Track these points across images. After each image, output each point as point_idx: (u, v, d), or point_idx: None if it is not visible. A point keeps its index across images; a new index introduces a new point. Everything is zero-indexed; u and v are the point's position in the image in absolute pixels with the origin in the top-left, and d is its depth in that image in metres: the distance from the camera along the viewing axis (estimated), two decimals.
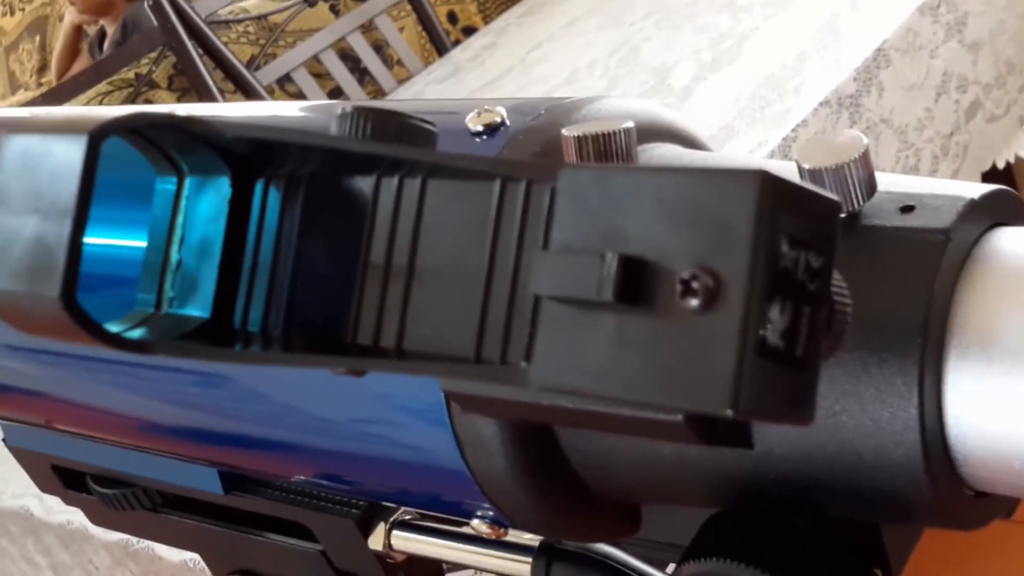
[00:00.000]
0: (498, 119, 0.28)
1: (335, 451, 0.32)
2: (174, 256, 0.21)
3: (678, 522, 0.28)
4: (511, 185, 0.19)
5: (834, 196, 0.18)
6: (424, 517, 0.36)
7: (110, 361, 0.34)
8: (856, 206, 0.23)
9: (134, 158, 0.21)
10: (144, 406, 0.35)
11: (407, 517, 0.35)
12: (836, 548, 0.25)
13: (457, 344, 0.20)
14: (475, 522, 0.30)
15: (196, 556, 0.43)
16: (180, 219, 0.22)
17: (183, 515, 0.40)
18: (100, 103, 1.87)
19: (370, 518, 0.34)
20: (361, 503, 0.34)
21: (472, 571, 0.41)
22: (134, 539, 0.90)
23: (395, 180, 0.21)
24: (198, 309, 0.22)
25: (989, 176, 1.34)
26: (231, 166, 0.22)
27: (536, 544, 0.35)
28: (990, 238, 0.23)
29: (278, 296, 0.22)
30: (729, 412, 0.15)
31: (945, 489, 0.23)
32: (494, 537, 0.31)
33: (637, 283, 0.16)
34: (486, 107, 0.28)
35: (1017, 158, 1.49)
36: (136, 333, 0.21)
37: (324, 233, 0.22)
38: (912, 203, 0.23)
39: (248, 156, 0.22)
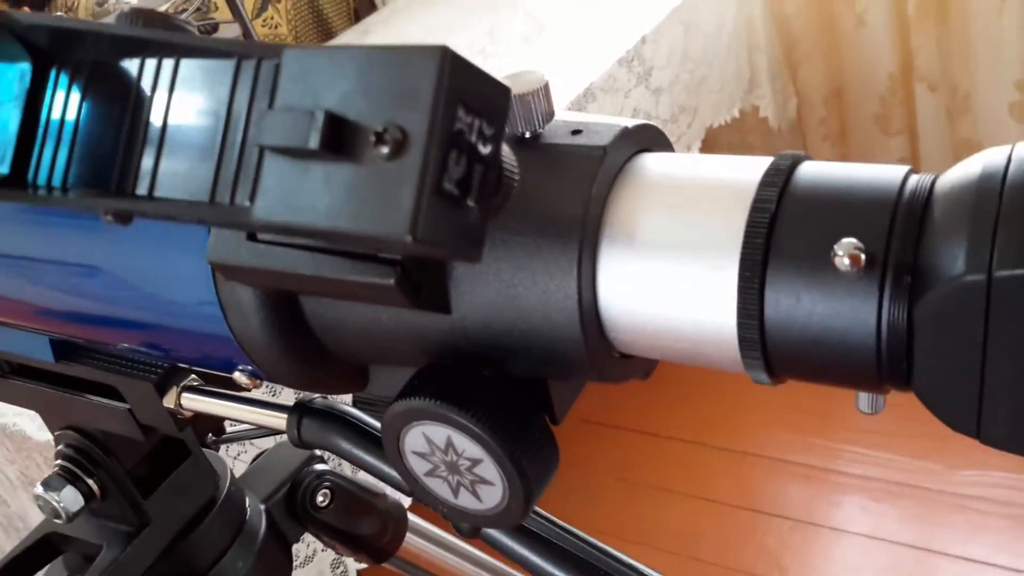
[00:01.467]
0: None
1: (124, 319, 0.36)
2: None
3: (397, 381, 0.30)
4: (245, 62, 0.22)
5: (506, 83, 0.21)
6: (207, 381, 0.43)
7: None
8: (537, 128, 0.27)
9: None
10: None
11: (195, 383, 0.42)
12: (513, 392, 0.28)
13: (197, 191, 0.22)
14: (236, 375, 0.35)
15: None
16: None
17: (25, 380, 0.46)
18: None
19: (166, 382, 0.42)
20: (159, 370, 0.42)
21: None
22: (9, 422, 0.99)
23: (155, 60, 0.23)
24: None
25: None
26: (32, 54, 0.24)
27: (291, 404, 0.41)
28: (638, 159, 0.27)
29: (65, 157, 0.24)
30: (408, 238, 0.19)
31: (597, 349, 0.27)
32: (251, 388, 0.36)
33: (340, 136, 0.19)
34: None
35: None
36: None
37: (104, 104, 0.24)
38: (580, 128, 0.27)
39: (46, 46, 0.24)
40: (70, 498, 0.49)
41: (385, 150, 0.19)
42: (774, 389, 0.27)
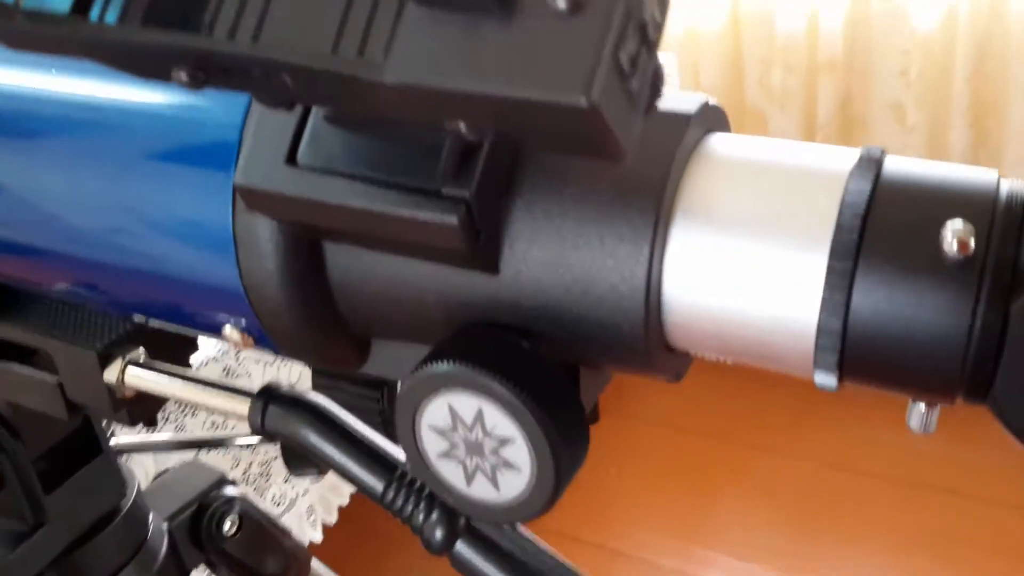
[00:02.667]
0: None
1: (97, 253, 0.32)
2: None
3: (403, 360, 0.29)
4: None
5: None
6: (156, 358, 0.38)
7: None
8: None
9: None
10: None
11: (141, 359, 0.38)
12: (555, 371, 0.26)
13: (315, 44, 0.19)
14: (227, 329, 0.31)
15: None
16: None
17: None
18: None
19: (110, 354, 0.37)
20: (107, 337, 0.37)
21: None
22: None
23: None
24: (57, 5, 0.20)
25: None
26: None
27: (254, 390, 0.36)
28: (714, 135, 0.26)
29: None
30: (582, 101, 0.16)
31: (653, 331, 0.25)
32: (243, 346, 0.32)
33: None
34: None
35: None
36: None
37: None
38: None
39: None
40: None
41: (563, 4, 0.16)
42: (649, 490, 0.25)
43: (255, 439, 0.65)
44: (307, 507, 1.23)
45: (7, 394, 0.42)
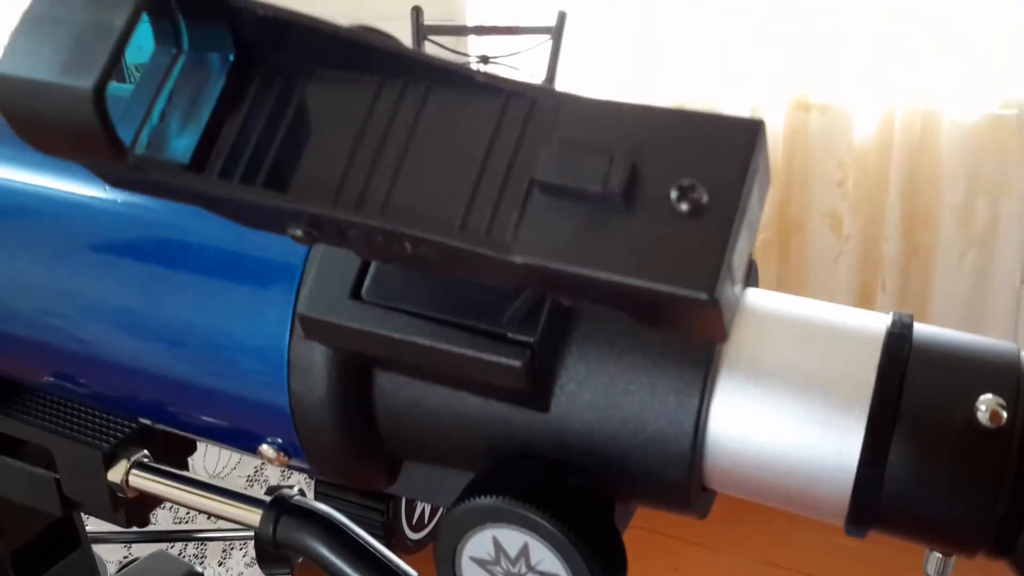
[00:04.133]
0: None
1: (146, 363, 0.32)
2: (157, 108, 0.21)
3: (434, 483, 0.30)
4: (515, 99, 0.20)
5: None
6: (162, 461, 0.38)
7: None
8: None
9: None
10: None
11: (146, 460, 0.37)
12: (601, 507, 0.27)
13: (441, 215, 0.20)
14: (264, 447, 0.32)
15: None
16: (169, 84, 0.22)
17: None
18: None
19: (115, 454, 0.37)
20: (112, 437, 0.36)
21: None
22: None
23: (399, 82, 0.21)
24: (178, 156, 0.21)
25: None
26: (238, 43, 0.22)
27: (266, 498, 0.36)
28: (748, 293, 0.28)
29: (260, 156, 0.22)
30: (704, 297, 0.18)
31: (695, 474, 0.26)
32: (278, 464, 0.32)
33: (634, 185, 0.18)
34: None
35: None
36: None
37: (315, 111, 0.22)
38: None
39: (257, 37, 0.22)
40: None
41: (685, 207, 0.18)
42: None
43: (227, 532, 0.64)
44: None
45: None
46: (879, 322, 0.26)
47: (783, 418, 0.25)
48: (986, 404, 0.23)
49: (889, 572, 1.62)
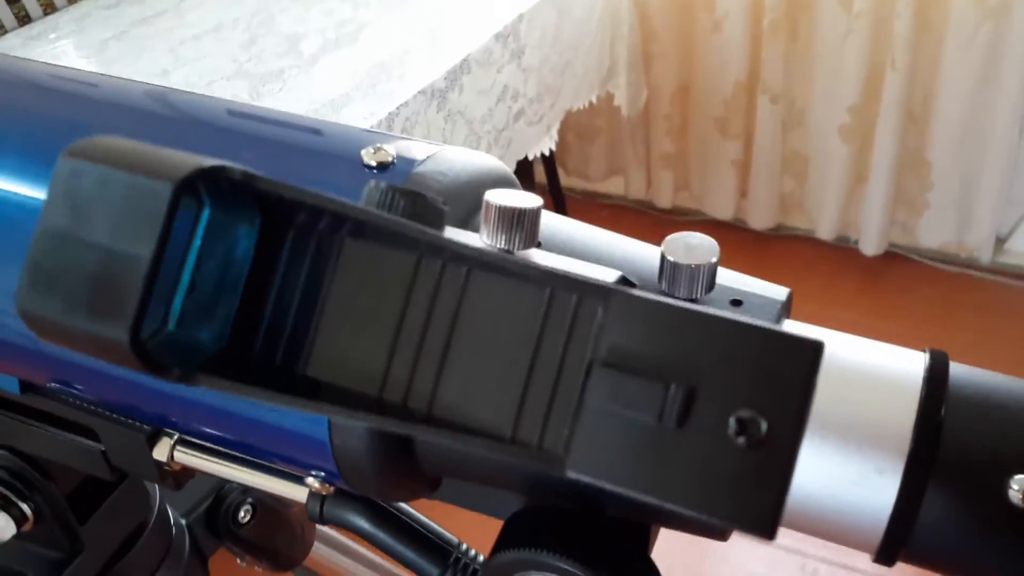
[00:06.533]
0: (389, 159, 0.30)
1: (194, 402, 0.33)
2: (185, 278, 0.20)
3: (473, 493, 0.31)
4: (561, 294, 0.20)
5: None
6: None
7: None
8: (698, 295, 0.27)
9: None
10: None
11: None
12: (637, 542, 0.27)
13: (491, 421, 0.20)
14: (309, 479, 0.33)
15: None
16: (195, 245, 0.21)
17: None
18: None
19: (157, 432, 0.38)
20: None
21: None
22: None
23: (438, 263, 0.21)
24: (214, 337, 0.21)
25: (520, 164, 1.64)
26: (264, 209, 0.21)
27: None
28: (784, 325, 0.28)
29: (298, 338, 0.21)
30: (765, 537, 0.17)
31: None
32: (323, 493, 0.34)
33: (689, 410, 0.18)
34: (379, 144, 0.31)
35: (537, 157, 1.81)
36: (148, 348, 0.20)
37: (354, 290, 0.21)
38: (741, 299, 0.27)
39: (281, 206, 0.21)
40: (0, 525, 0.44)
41: (743, 440, 0.17)
42: None
43: None
44: None
45: (44, 453, 0.42)
46: (915, 366, 0.26)
47: (819, 464, 0.26)
48: (1019, 485, 0.24)
49: None
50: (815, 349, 0.17)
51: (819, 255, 2.00)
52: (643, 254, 0.29)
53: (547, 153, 1.77)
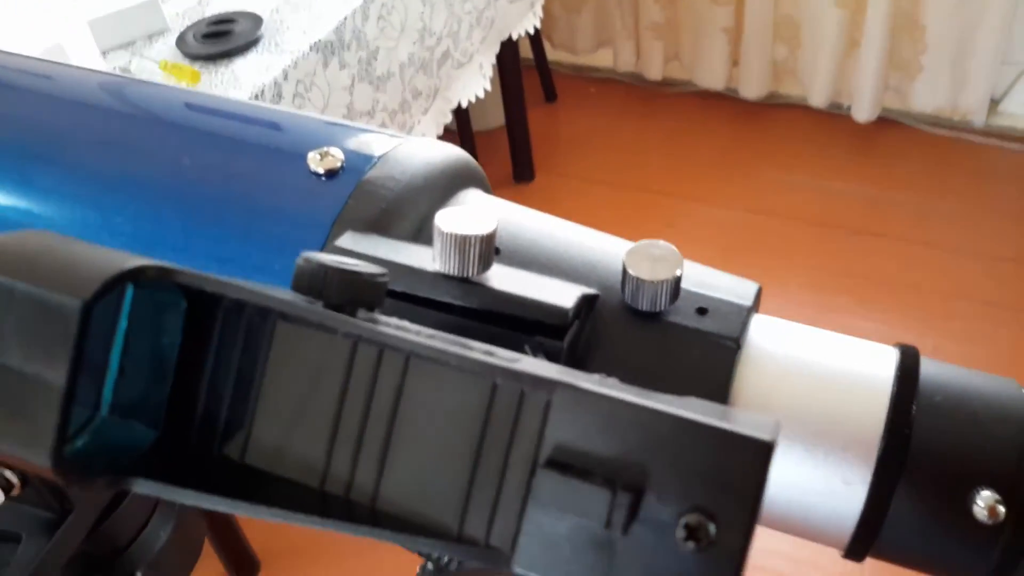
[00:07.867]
0: (338, 164, 0.30)
1: None
2: (114, 363, 0.20)
3: None
4: (505, 384, 0.19)
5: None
6: None
7: None
8: (662, 308, 0.27)
9: None
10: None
11: None
12: None
13: (436, 515, 0.19)
14: None
15: None
16: (121, 327, 0.20)
17: None
18: None
19: None
20: None
21: None
22: None
23: (375, 349, 0.20)
24: (148, 424, 0.20)
25: (504, 45, 1.60)
26: (189, 294, 0.21)
27: None
28: (753, 328, 0.27)
29: (235, 425, 0.21)
30: None
31: None
32: None
33: (637, 511, 0.17)
34: (327, 149, 0.30)
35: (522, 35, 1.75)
36: (80, 441, 0.19)
37: (289, 376, 0.21)
38: (706, 307, 0.27)
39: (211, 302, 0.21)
40: None
41: (692, 545, 0.17)
42: None
43: None
44: None
45: None
46: (887, 361, 0.26)
47: (790, 464, 0.26)
48: (984, 501, 0.24)
49: (868, 210, 1.66)
50: (766, 449, 0.17)
51: (812, 123, 1.97)
52: (609, 254, 0.28)
53: (531, 32, 1.72)
